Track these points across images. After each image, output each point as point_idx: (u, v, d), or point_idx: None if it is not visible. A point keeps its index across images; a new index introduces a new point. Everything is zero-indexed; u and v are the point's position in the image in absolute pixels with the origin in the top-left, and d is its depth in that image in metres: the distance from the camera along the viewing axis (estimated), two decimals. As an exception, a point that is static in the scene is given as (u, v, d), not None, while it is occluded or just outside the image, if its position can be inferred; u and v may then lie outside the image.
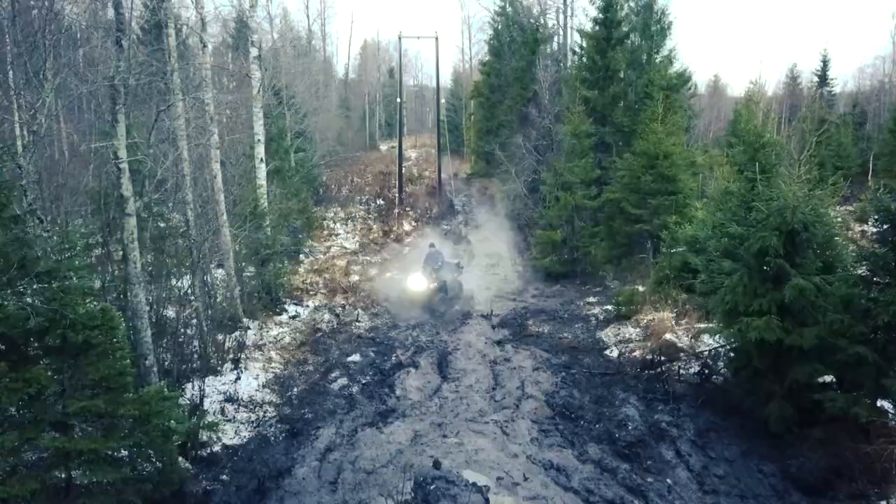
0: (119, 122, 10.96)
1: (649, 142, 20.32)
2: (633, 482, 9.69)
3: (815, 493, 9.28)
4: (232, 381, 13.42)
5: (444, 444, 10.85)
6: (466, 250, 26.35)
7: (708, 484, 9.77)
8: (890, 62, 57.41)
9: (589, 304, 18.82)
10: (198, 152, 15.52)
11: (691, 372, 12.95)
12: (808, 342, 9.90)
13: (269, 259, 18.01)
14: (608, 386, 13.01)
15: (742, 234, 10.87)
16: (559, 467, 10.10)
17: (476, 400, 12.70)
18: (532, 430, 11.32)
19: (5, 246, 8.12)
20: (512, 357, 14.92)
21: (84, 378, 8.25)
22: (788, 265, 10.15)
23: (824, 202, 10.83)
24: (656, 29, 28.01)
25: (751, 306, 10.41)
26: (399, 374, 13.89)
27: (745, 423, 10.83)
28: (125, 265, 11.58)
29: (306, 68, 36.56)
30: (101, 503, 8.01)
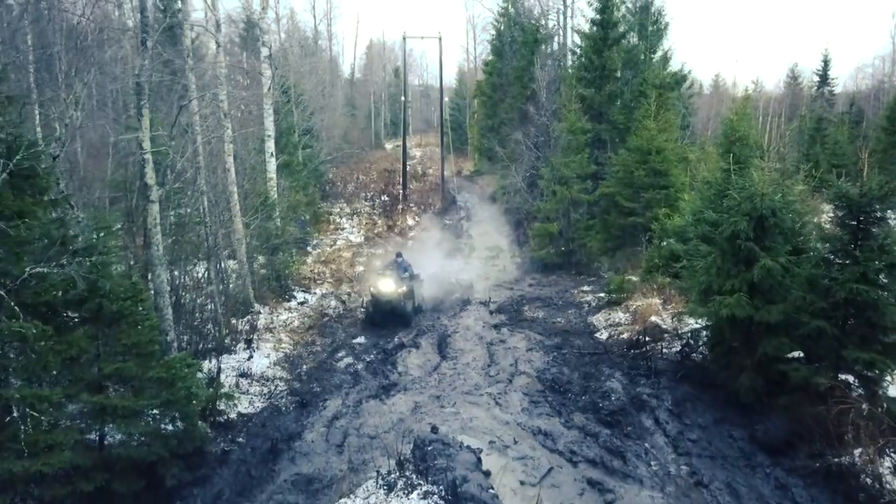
0: (143, 116, 11.95)
1: (642, 138, 21.21)
2: (614, 445, 10.60)
3: (779, 454, 10.16)
4: (245, 358, 14.40)
5: (442, 413, 11.77)
6: (467, 244, 27.30)
7: (682, 447, 10.67)
8: (890, 62, 58.13)
9: (583, 292, 19.73)
10: (212, 146, 16.49)
11: (673, 351, 13.85)
12: (774, 318, 10.79)
13: (278, 248, 18.99)
14: (596, 364, 13.92)
15: (716, 219, 11.77)
16: (546, 433, 11.02)
17: (472, 376, 13.64)
18: (523, 402, 12.24)
19: (48, 226, 9.12)
20: (507, 339, 15.85)
21: (117, 344, 9.25)
22: (757, 247, 11.03)
23: (793, 191, 11.69)
24: (653, 30, 28.91)
25: (723, 286, 11.31)
26: (401, 354, 14.85)
27: (718, 395, 11.72)
28: (148, 248, 12.57)
29: (313, 68, 37.56)
30: (134, 453, 8.99)
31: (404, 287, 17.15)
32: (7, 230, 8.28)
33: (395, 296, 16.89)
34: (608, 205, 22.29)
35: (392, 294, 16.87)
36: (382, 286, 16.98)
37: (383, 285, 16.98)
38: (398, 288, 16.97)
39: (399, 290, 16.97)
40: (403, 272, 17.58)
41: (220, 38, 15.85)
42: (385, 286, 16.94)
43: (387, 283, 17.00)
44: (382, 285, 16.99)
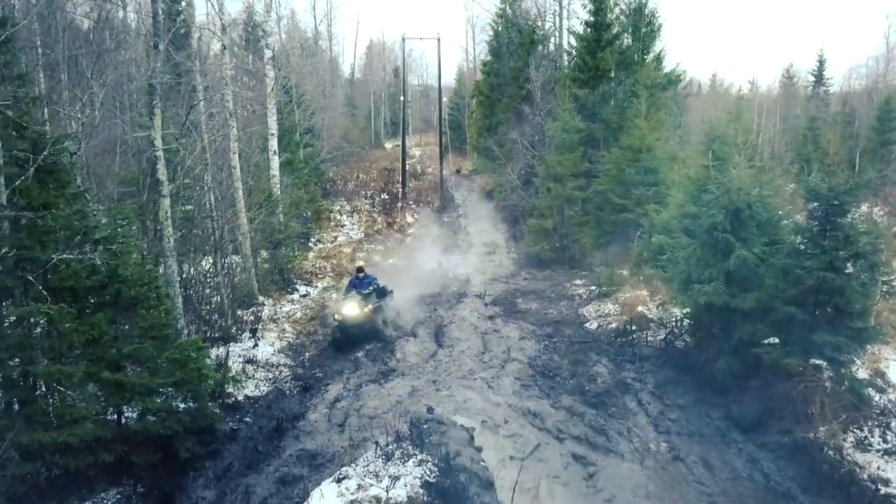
0: (155, 115, 12.67)
1: (634, 137, 21.88)
2: (598, 424, 11.31)
3: (751, 431, 10.87)
4: (250, 347, 15.10)
5: (438, 395, 12.46)
6: (464, 240, 28.01)
7: (662, 426, 11.38)
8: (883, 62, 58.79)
9: (575, 285, 20.43)
10: (218, 144, 17.18)
11: (658, 338, 14.56)
12: (749, 305, 11.51)
13: (281, 243, 19.68)
14: (584, 351, 14.63)
15: (696, 213, 12.47)
16: (535, 413, 11.72)
17: (467, 362, 14.35)
18: (514, 385, 12.95)
19: (70, 217, 9.82)
20: (501, 329, 16.56)
21: (134, 327, 9.98)
22: (734, 239, 11.76)
23: (769, 186, 12.40)
24: (646, 31, 29.59)
25: (702, 275, 12.03)
26: (399, 342, 15.55)
27: (698, 378, 12.43)
28: (159, 241, 13.29)
29: (314, 68, 38.25)
30: (150, 427, 9.69)
31: (370, 305, 15.55)
32: (35, 220, 9.02)
33: (362, 317, 15.31)
34: (601, 202, 22.95)
35: (358, 317, 15.27)
36: (346, 310, 15.32)
37: (347, 309, 15.32)
38: (363, 309, 15.33)
39: (364, 310, 15.34)
40: (367, 288, 16.00)
41: (225, 40, 16.55)
42: (349, 310, 15.29)
43: (350, 306, 15.32)
44: (346, 309, 15.33)
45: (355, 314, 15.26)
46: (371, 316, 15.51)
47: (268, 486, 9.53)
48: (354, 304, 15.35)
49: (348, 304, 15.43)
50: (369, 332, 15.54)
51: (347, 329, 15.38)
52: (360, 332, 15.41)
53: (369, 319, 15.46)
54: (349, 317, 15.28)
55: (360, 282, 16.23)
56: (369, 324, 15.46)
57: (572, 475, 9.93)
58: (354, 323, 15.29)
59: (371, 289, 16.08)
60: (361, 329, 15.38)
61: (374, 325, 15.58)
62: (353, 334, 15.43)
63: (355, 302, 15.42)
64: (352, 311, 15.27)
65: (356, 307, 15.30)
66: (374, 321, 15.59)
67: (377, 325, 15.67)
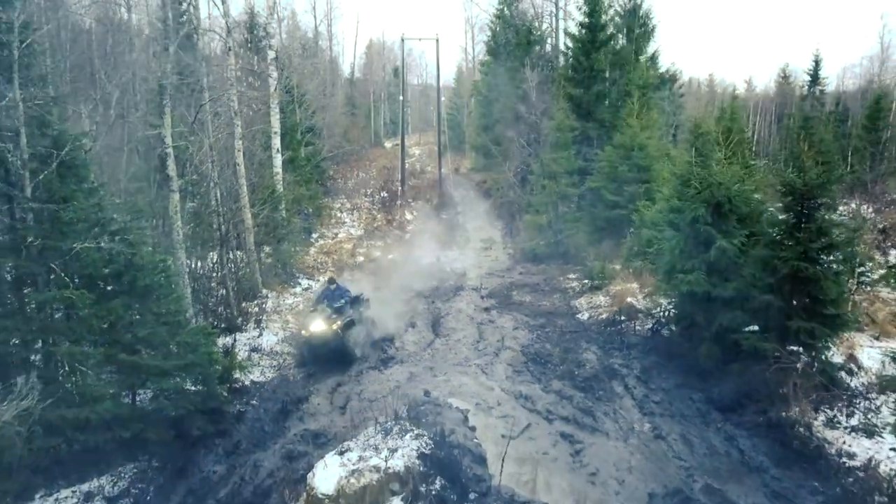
0: (165, 114, 13.32)
1: (626, 135, 22.51)
2: (586, 406, 11.96)
3: (729, 412, 11.51)
4: (255, 336, 15.75)
5: (434, 381, 13.10)
6: (462, 236, 28.65)
7: (646, 408, 12.02)
8: (878, 62, 59.41)
9: (568, 279, 21.06)
10: (223, 142, 17.81)
11: (645, 328, 15.20)
12: (728, 293, 12.16)
13: (283, 238, 20.31)
14: (575, 340, 15.26)
15: (680, 206, 13.11)
16: (527, 396, 12.36)
17: (462, 350, 14.99)
18: (507, 371, 13.59)
19: (88, 209, 10.46)
20: (496, 320, 17.20)
21: (148, 313, 10.60)
22: (714, 231, 12.40)
23: (750, 181, 13.05)
24: (640, 32, 30.27)
25: (685, 265, 12.68)
26: (398, 331, 16.18)
27: (681, 364, 13.07)
28: (169, 234, 13.92)
29: (315, 68, 38.86)
30: (163, 407, 10.34)
31: (339, 322, 14.25)
32: (56, 212, 9.67)
33: (330, 334, 14.03)
34: (594, 198, 23.55)
35: (325, 333, 14.00)
36: (313, 326, 14.10)
37: (314, 325, 14.10)
38: (331, 325, 14.10)
39: (333, 326, 14.10)
40: (339, 301, 14.70)
41: (230, 42, 17.17)
42: (316, 325, 14.06)
43: (317, 322, 14.08)
44: (313, 325, 14.11)
45: (322, 330, 14.04)
46: (340, 333, 14.20)
47: (274, 461, 10.18)
48: (321, 320, 14.08)
49: (315, 320, 14.17)
50: (337, 350, 14.18)
51: (314, 346, 14.22)
52: (328, 350, 14.11)
53: (338, 337, 14.15)
54: (316, 333, 14.07)
55: (331, 294, 15.00)
56: (337, 341, 14.14)
57: (560, 452, 10.56)
58: (321, 340, 14.06)
59: (342, 302, 14.77)
60: (329, 347, 14.10)
61: (342, 343, 14.23)
62: (320, 353, 14.20)
63: (323, 317, 14.16)
64: (318, 326, 14.04)
65: (323, 323, 14.06)
66: (343, 339, 14.24)
67: (346, 344, 14.32)
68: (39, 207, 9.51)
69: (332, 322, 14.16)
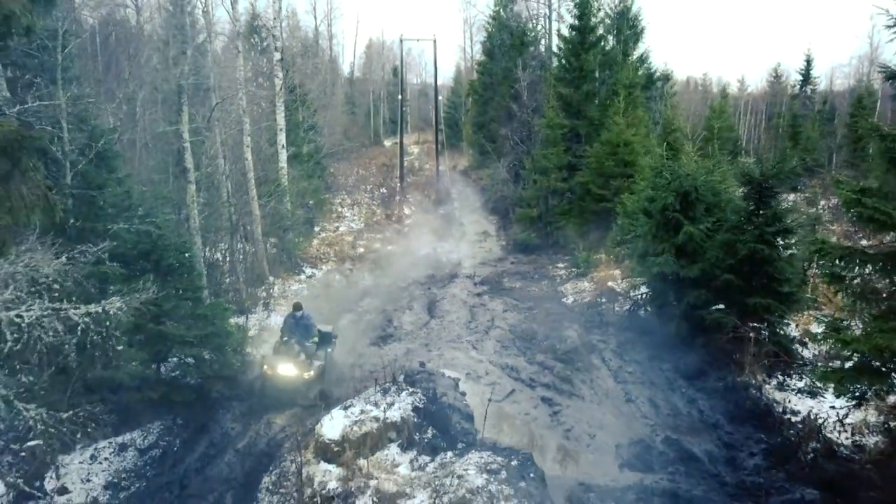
0: (183, 111, 14.60)
1: (613, 132, 23.77)
2: (565, 375, 13.23)
3: (694, 379, 12.78)
4: (264, 318, 17.01)
5: (429, 354, 14.35)
6: (458, 229, 29.92)
7: (620, 377, 13.30)
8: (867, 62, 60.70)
9: (557, 268, 22.35)
10: (233, 138, 19.07)
11: (623, 309, 16.48)
12: (694, 273, 13.44)
13: (288, 229, 21.57)
14: (559, 320, 16.55)
15: (653, 196, 14.39)
16: (512, 367, 13.65)
17: (455, 329, 16.27)
18: (495, 347, 14.87)
19: (119, 196, 11.77)
20: (487, 303, 18.48)
21: (172, 288, 11.86)
22: (682, 217, 13.67)
23: (715, 172, 14.34)
24: (629, 34, 31.57)
25: (656, 249, 13.95)
26: (396, 312, 17.46)
27: (654, 339, 14.33)
28: (186, 220, 15.19)
29: (317, 69, 40.10)
30: (186, 371, 11.62)
31: (312, 371, 12.06)
32: (93, 197, 10.95)
33: (299, 383, 11.94)
34: (583, 192, 24.81)
35: (294, 381, 11.91)
36: (281, 369, 11.90)
37: (282, 368, 11.90)
38: (303, 371, 11.92)
39: (305, 374, 11.94)
40: (306, 335, 12.48)
41: (240, 46, 18.43)
42: (285, 369, 11.89)
43: (286, 366, 11.89)
44: (281, 368, 11.91)
45: (292, 377, 11.88)
46: (312, 383, 12.12)
47: (285, 419, 11.46)
48: (292, 364, 11.90)
49: (285, 363, 11.92)
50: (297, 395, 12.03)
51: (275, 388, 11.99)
52: (288, 396, 11.98)
53: (307, 387, 12.02)
54: (284, 378, 11.87)
55: (296, 323, 12.60)
56: (304, 390, 11.99)
57: (540, 413, 11.85)
58: (288, 385, 11.91)
59: (314, 341, 12.58)
60: (291, 396, 11.98)
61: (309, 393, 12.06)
62: (278, 395, 12.01)
63: (294, 362, 11.93)
64: (288, 371, 11.87)
65: (294, 367, 11.87)
66: (311, 389, 12.11)
67: (308, 396, 12.05)
68: (79, 193, 10.77)
69: (304, 368, 11.97)
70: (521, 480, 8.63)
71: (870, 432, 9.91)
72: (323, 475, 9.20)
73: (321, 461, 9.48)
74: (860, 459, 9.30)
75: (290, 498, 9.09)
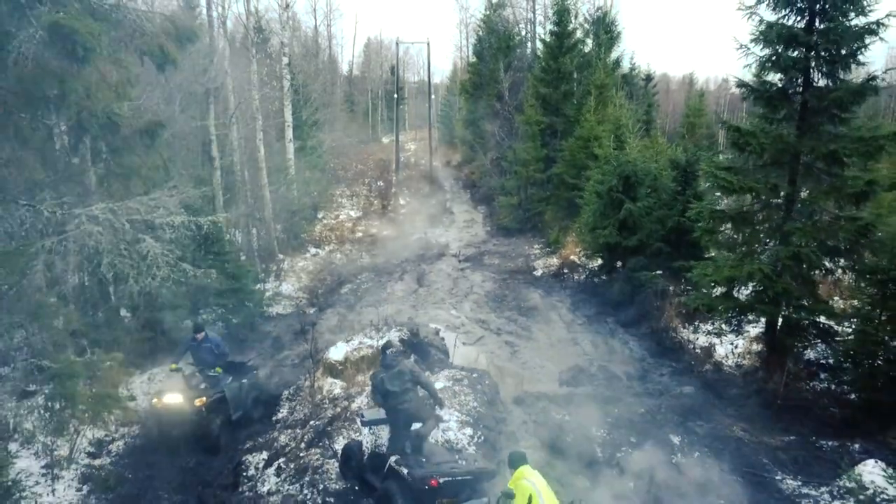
0: (209, 110, 17.45)
1: (585, 128, 26.64)
2: (526, 326, 16.17)
3: (629, 327, 15.71)
4: (276, 286, 19.91)
5: (416, 313, 17.25)
6: (448, 217, 32.82)
7: (571, 328, 16.22)
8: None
9: (533, 248, 25.24)
10: (247, 133, 21.94)
11: (581, 277, 19.40)
12: (633, 243, 16.37)
13: (295, 213, 24.46)
14: (527, 287, 19.47)
15: (602, 179, 17.29)
16: (483, 320, 16.57)
17: (440, 295, 19.17)
18: (472, 307, 17.79)
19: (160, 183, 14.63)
20: (468, 276, 21.38)
21: (209, 251, 14.75)
22: (624, 197, 16.58)
23: (658, 160, 17.25)
24: (606, 38, 34.47)
25: (603, 224, 16.86)
26: (390, 283, 20.37)
27: (602, 299, 17.27)
28: (212, 201, 18.06)
29: (318, 69, 42.95)
30: (221, 317, 14.52)
31: (204, 398, 10.52)
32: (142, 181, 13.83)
33: (188, 413, 10.34)
34: (558, 182, 27.66)
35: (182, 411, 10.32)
36: (167, 397, 10.39)
37: (168, 396, 10.40)
38: (193, 399, 10.40)
39: (196, 402, 10.39)
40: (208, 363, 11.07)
41: (255, 53, 21.30)
42: (171, 397, 10.37)
43: (172, 394, 10.38)
44: (167, 396, 10.40)
45: (177, 404, 10.31)
46: (205, 413, 10.49)
47: (297, 356, 14.36)
48: (178, 392, 10.41)
49: (172, 392, 10.44)
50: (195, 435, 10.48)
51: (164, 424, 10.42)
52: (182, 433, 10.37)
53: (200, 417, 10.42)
54: (171, 407, 10.32)
55: (197, 347, 11.13)
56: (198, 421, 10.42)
57: (503, 351, 14.78)
58: (176, 417, 10.32)
59: (217, 370, 10.99)
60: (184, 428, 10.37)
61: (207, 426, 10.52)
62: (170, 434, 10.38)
63: (182, 391, 10.43)
64: (174, 399, 10.34)
65: (180, 395, 10.37)
66: (208, 422, 10.53)
67: (211, 429, 10.56)
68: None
69: (194, 395, 10.44)
70: (478, 385, 11.54)
71: (749, 357, 12.83)
72: (330, 386, 12.08)
73: (328, 377, 12.36)
74: (737, 373, 12.24)
75: (305, 402, 11.97)
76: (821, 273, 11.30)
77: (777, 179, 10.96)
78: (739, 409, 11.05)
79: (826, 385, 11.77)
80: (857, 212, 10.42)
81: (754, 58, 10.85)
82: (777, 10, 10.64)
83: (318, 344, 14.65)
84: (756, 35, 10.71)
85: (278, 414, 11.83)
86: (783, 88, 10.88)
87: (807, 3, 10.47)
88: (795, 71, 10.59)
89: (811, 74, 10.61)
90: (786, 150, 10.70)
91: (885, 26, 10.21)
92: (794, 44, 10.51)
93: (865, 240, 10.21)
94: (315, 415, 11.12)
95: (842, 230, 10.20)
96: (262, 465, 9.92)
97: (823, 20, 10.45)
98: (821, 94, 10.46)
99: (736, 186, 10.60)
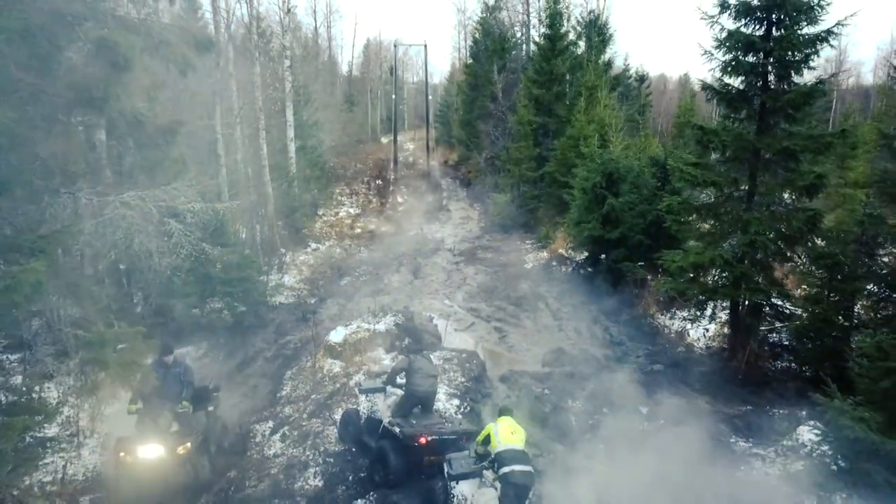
0: (215, 110, 18.47)
1: (576, 128, 27.65)
2: (515, 313, 17.19)
3: (611, 315, 16.71)
4: (279, 278, 20.91)
5: (412, 302, 18.26)
6: (444, 214, 33.84)
7: (557, 315, 17.23)
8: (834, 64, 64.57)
9: (525, 244, 26.26)
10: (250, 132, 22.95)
11: (569, 269, 20.42)
12: (615, 236, 17.38)
13: (297, 209, 25.47)
14: (517, 279, 20.49)
15: (587, 176, 18.31)
16: (475, 309, 17.59)
17: (434, 286, 20.20)
18: (464, 297, 18.81)
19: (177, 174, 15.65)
20: (462, 269, 22.41)
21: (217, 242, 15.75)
22: (607, 193, 17.60)
23: (634, 156, 18.26)
24: (598, 40, 35.50)
25: (587, 218, 17.88)
26: (387, 274, 21.39)
27: (587, 289, 18.27)
28: (218, 197, 19.06)
29: (318, 71, 43.97)
30: (227, 305, 15.54)
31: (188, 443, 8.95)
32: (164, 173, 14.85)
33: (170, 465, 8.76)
34: (550, 180, 28.68)
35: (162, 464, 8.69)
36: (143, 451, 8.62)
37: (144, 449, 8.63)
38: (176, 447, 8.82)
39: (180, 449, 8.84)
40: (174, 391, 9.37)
41: (258, 55, 22.31)
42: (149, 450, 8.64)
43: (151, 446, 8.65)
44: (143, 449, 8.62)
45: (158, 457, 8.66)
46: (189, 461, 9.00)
47: (299, 340, 15.38)
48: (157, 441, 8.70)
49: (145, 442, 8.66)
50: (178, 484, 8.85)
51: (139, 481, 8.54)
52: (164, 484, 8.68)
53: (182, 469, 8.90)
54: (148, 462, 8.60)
55: (165, 373, 9.50)
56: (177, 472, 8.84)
57: (491, 336, 15.81)
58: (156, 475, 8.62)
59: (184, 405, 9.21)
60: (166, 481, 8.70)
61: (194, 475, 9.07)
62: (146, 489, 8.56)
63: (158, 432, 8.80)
64: (153, 451, 8.66)
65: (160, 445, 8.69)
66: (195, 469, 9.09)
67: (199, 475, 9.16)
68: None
69: (175, 442, 8.85)
70: (466, 364, 12.57)
71: (718, 339, 13.86)
72: (329, 366, 13.11)
73: (328, 358, 13.38)
74: (706, 354, 13.26)
75: (306, 380, 12.98)
76: (778, 259, 12.33)
77: (738, 174, 11.99)
78: (705, 385, 12.08)
79: (787, 364, 12.81)
80: (808, 203, 11.45)
81: (717, 62, 11.87)
82: (737, 19, 11.66)
83: (319, 329, 15.72)
84: (718, 42, 11.73)
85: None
86: (743, 91, 11.89)
87: (765, 13, 11.49)
88: (754, 75, 11.61)
89: (768, 78, 11.63)
90: (746, 147, 11.71)
91: (836, 34, 11.25)
92: (752, 50, 11.53)
93: (816, 228, 11.23)
94: (316, 390, 12.15)
95: (795, 219, 11.21)
96: (268, 433, 10.94)
97: (779, 28, 11.47)
98: (777, 96, 11.47)
99: (700, 180, 11.64)
